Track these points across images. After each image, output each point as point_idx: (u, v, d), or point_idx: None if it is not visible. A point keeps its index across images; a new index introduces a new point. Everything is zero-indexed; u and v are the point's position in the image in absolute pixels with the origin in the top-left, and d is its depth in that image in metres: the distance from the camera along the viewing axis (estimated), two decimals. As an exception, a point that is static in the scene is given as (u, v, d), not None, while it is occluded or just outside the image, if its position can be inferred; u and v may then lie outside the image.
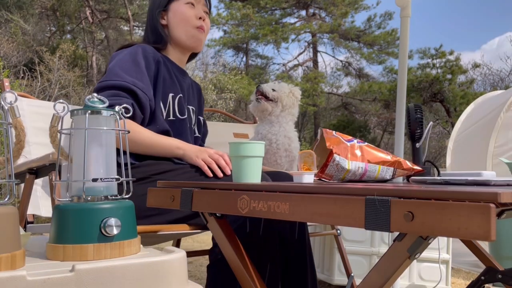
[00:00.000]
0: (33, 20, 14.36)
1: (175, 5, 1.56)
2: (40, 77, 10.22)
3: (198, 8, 1.58)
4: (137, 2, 16.49)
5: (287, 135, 1.78)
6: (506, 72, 15.72)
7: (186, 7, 1.56)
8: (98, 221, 0.75)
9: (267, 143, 1.75)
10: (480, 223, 0.60)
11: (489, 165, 3.64)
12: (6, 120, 0.78)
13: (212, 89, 11.99)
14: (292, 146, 1.78)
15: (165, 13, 1.58)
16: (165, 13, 1.57)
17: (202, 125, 1.70)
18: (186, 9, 1.56)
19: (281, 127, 1.78)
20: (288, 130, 1.80)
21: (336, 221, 0.76)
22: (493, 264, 1.37)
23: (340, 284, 2.37)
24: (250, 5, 15.91)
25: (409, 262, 0.74)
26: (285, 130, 1.79)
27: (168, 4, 1.57)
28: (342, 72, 18.39)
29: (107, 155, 0.84)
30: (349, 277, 2.00)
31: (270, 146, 1.74)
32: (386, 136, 17.19)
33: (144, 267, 0.71)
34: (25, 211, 1.66)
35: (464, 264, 3.18)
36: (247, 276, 1.01)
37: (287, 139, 1.77)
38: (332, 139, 1.15)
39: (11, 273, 0.62)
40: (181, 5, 1.56)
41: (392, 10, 16.23)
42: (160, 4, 1.57)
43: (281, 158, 1.76)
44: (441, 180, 0.98)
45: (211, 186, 1.02)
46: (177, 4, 1.56)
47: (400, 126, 2.20)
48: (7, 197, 0.72)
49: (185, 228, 1.28)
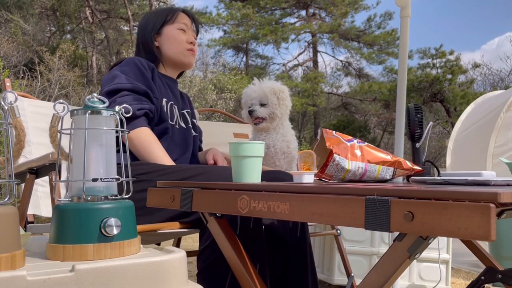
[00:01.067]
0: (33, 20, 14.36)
1: (167, 29, 1.68)
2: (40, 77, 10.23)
3: (188, 34, 1.72)
4: (137, 2, 16.50)
5: (285, 139, 1.78)
6: (506, 72, 15.74)
7: (178, 32, 1.69)
8: (98, 221, 0.75)
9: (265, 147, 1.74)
10: (480, 223, 0.60)
11: (489, 165, 3.64)
12: (6, 120, 0.78)
13: (212, 89, 11.98)
14: (291, 147, 1.78)
15: (157, 36, 1.69)
16: (158, 36, 1.69)
17: (197, 126, 1.80)
18: (178, 33, 1.69)
19: (278, 133, 1.77)
20: (285, 133, 1.79)
21: (336, 221, 0.76)
22: (493, 264, 1.37)
23: (340, 284, 2.37)
24: (250, 5, 15.92)
25: (409, 262, 0.74)
26: (283, 135, 1.78)
27: (162, 28, 1.69)
28: (342, 72, 18.41)
29: (107, 155, 0.84)
30: (349, 277, 2.01)
31: (268, 150, 1.74)
32: (386, 136, 17.20)
33: (144, 267, 0.71)
34: (25, 211, 1.66)
35: (464, 264, 3.18)
36: (247, 276, 1.01)
37: (285, 142, 1.77)
38: (332, 139, 1.15)
39: (11, 273, 0.62)
40: (173, 30, 1.68)
41: (392, 10, 16.26)
42: (154, 28, 1.68)
43: (279, 160, 1.77)
44: (441, 180, 0.98)
45: (211, 186, 1.02)
46: (169, 28, 1.69)
47: (400, 126, 2.20)
48: (7, 197, 0.72)
49: (177, 226, 1.27)
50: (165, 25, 1.69)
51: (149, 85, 1.53)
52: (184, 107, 1.74)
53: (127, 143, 0.99)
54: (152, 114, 1.51)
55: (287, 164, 1.79)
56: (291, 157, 1.79)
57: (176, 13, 1.71)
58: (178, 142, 1.61)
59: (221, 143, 2.17)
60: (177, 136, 1.61)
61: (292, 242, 1.39)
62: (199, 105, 10.75)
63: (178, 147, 1.60)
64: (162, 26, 1.69)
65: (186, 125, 1.69)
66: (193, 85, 11.48)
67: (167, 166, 1.38)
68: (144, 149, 1.43)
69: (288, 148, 1.77)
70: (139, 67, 1.55)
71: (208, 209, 1.00)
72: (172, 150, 1.56)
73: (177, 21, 1.70)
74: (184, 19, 1.72)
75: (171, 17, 1.69)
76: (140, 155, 1.44)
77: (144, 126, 1.45)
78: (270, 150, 1.75)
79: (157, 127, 1.54)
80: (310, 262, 1.41)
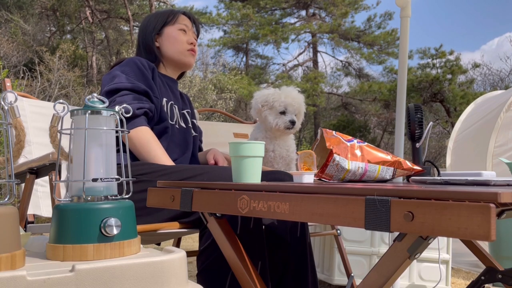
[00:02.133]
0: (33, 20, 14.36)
1: (168, 30, 1.69)
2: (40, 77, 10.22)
3: (189, 35, 1.73)
4: (137, 2, 16.49)
5: (285, 144, 1.78)
6: (506, 72, 15.73)
7: (179, 33, 1.70)
8: (98, 221, 0.75)
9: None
10: (480, 223, 0.60)
11: (489, 165, 3.64)
12: (6, 120, 0.78)
13: (212, 89, 11.98)
14: (290, 151, 1.79)
15: (158, 37, 1.70)
16: (159, 37, 1.70)
17: (197, 126, 1.80)
18: (178, 34, 1.70)
19: (279, 139, 1.78)
20: (286, 139, 1.80)
21: (336, 221, 0.76)
22: (493, 264, 1.37)
23: (340, 284, 2.37)
24: (250, 5, 15.92)
25: (409, 262, 0.74)
26: (284, 140, 1.78)
27: (162, 28, 1.70)
28: (342, 72, 18.40)
29: (107, 155, 0.84)
30: (349, 277, 2.00)
31: (267, 153, 1.74)
32: (386, 136, 17.19)
33: (144, 267, 0.71)
34: (25, 211, 1.66)
35: (464, 264, 3.18)
36: (247, 276, 1.01)
37: (285, 147, 1.78)
38: (332, 139, 1.15)
39: (11, 273, 0.62)
40: (174, 31, 1.70)
41: (392, 10, 16.25)
42: (155, 28, 1.70)
43: (278, 163, 1.78)
44: (441, 180, 0.98)
45: (211, 186, 1.02)
46: (170, 29, 1.69)
47: (400, 126, 2.20)
48: (7, 197, 0.72)
49: (177, 226, 1.28)
50: (166, 26, 1.70)
51: (149, 85, 1.53)
52: (184, 107, 1.75)
53: (127, 143, 0.99)
54: (152, 113, 1.51)
55: (285, 166, 1.80)
56: (289, 159, 1.80)
57: (177, 15, 1.73)
58: (178, 142, 1.61)
59: (221, 143, 2.17)
60: (177, 136, 1.61)
61: (292, 242, 1.39)
62: (199, 105, 10.75)
63: (178, 147, 1.60)
64: (163, 27, 1.70)
65: (186, 125, 1.69)
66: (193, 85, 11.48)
67: (167, 167, 1.38)
68: (143, 148, 1.43)
69: (287, 152, 1.78)
70: (139, 66, 1.55)
71: (208, 209, 1.00)
72: (172, 150, 1.56)
73: (177, 22, 1.71)
74: (184, 20, 1.73)
75: (172, 18, 1.71)
76: (139, 154, 1.45)
77: (143, 125, 1.46)
78: (269, 154, 1.75)
79: (157, 126, 1.54)
80: (310, 262, 1.41)
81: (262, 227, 1.29)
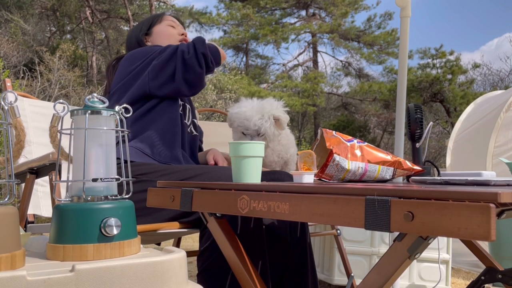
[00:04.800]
0: (33, 20, 14.36)
1: (157, 28, 1.75)
2: (40, 77, 10.22)
3: (178, 29, 1.77)
4: (137, 2, 16.48)
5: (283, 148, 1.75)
6: (506, 72, 15.72)
7: (168, 27, 1.75)
8: (98, 221, 0.75)
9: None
10: (480, 223, 0.60)
11: (489, 165, 3.64)
12: (6, 120, 0.78)
13: (212, 89, 11.97)
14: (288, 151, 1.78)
15: (148, 37, 1.75)
16: (148, 37, 1.75)
17: (197, 126, 1.79)
18: (167, 28, 1.75)
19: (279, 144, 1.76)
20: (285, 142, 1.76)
21: (336, 221, 0.76)
22: (493, 264, 1.37)
23: (340, 284, 2.37)
24: (250, 5, 15.92)
25: (409, 262, 0.74)
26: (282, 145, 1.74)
27: (150, 29, 1.75)
28: (342, 72, 18.40)
29: (107, 155, 0.84)
30: (349, 277, 2.00)
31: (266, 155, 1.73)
32: (386, 136, 17.18)
33: (144, 267, 0.71)
34: (26, 211, 1.66)
35: (464, 264, 3.18)
36: (247, 276, 1.01)
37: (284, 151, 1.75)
38: (332, 139, 1.15)
39: (11, 273, 0.62)
40: (162, 26, 1.75)
41: (392, 10, 16.26)
42: (143, 29, 1.75)
43: (276, 164, 1.77)
44: (441, 180, 0.98)
45: (211, 186, 1.02)
46: (159, 27, 1.75)
47: (400, 126, 2.20)
48: (7, 197, 0.72)
49: (177, 226, 1.28)
50: (154, 26, 1.75)
51: None
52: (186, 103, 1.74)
53: (127, 143, 0.99)
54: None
55: (284, 164, 1.79)
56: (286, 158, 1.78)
57: (162, 15, 1.79)
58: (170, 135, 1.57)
59: (221, 143, 2.17)
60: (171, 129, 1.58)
61: (292, 242, 1.39)
62: (199, 105, 10.75)
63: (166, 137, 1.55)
64: (150, 28, 1.75)
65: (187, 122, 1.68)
66: (193, 85, 11.43)
67: (167, 167, 1.38)
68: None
69: (287, 152, 1.77)
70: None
71: (208, 209, 1.00)
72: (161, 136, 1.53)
73: (164, 20, 1.76)
74: (170, 18, 1.79)
75: (158, 18, 1.77)
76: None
77: None
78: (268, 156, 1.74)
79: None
80: (310, 262, 1.41)
81: (262, 227, 1.29)
